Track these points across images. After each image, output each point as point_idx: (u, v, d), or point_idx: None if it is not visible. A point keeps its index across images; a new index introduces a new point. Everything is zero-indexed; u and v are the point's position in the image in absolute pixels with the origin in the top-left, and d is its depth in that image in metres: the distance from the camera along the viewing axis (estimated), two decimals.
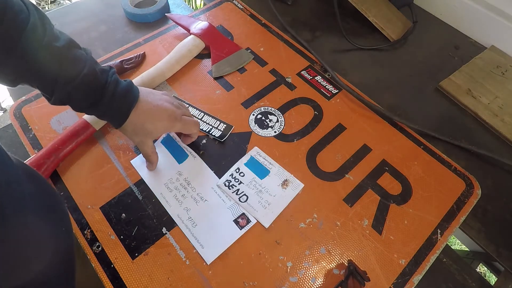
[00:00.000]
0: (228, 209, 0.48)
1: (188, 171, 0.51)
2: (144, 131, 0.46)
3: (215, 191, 0.49)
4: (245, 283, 0.43)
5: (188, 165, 0.52)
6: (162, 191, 0.49)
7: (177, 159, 0.52)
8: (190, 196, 0.49)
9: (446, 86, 0.66)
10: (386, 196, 0.51)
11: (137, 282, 0.42)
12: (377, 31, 0.75)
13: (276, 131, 0.57)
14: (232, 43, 0.68)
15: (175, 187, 0.49)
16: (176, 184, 0.50)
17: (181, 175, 0.51)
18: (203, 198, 0.49)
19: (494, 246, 0.50)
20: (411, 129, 0.59)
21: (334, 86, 0.64)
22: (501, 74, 0.70)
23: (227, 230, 0.46)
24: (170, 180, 0.50)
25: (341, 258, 0.46)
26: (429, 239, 0.48)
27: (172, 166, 0.52)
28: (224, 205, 0.48)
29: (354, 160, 0.55)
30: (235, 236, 0.46)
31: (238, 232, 0.46)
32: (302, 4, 0.82)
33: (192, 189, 0.49)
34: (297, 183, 0.51)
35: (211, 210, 0.48)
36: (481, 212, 0.53)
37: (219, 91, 0.61)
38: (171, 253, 0.44)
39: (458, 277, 0.51)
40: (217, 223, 0.46)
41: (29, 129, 0.54)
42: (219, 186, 0.50)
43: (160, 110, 0.46)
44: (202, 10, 0.76)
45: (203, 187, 0.50)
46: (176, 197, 0.48)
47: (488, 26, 0.74)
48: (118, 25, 0.74)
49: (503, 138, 0.61)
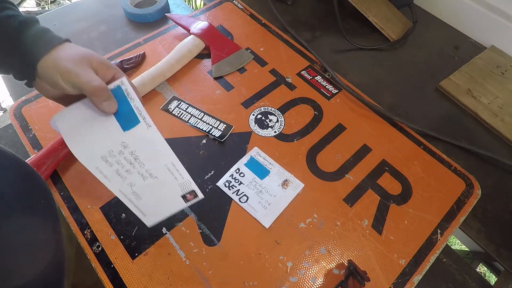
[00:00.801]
0: (179, 186, 0.40)
1: (136, 143, 0.39)
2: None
3: (169, 168, 0.40)
4: (245, 283, 0.43)
5: (137, 135, 0.39)
6: (98, 165, 0.38)
7: (122, 124, 0.38)
8: (137, 172, 0.39)
9: (446, 86, 0.66)
10: (386, 196, 0.51)
11: (137, 282, 0.42)
12: (377, 31, 0.75)
13: (276, 131, 0.57)
14: (232, 43, 0.68)
15: (117, 161, 0.38)
16: (118, 158, 0.38)
17: (126, 148, 0.38)
18: (152, 175, 0.39)
19: (494, 246, 0.50)
20: (411, 129, 0.59)
21: (334, 86, 0.64)
22: (501, 74, 0.70)
23: (172, 202, 0.41)
24: (110, 152, 0.38)
25: (341, 258, 0.46)
26: (429, 239, 0.48)
27: (114, 133, 0.38)
28: (175, 182, 0.40)
29: (354, 160, 0.55)
30: (178, 207, 0.41)
31: (183, 204, 0.41)
32: (302, 4, 0.82)
33: (140, 164, 0.39)
34: (297, 183, 0.51)
35: (160, 187, 0.40)
36: (481, 212, 0.53)
37: (219, 91, 0.61)
38: (171, 253, 0.44)
39: (458, 277, 0.51)
40: (164, 197, 0.41)
41: (29, 129, 0.54)
42: (219, 186, 0.50)
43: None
44: (202, 10, 0.76)
45: (154, 164, 0.39)
46: (118, 172, 0.38)
47: (488, 26, 0.74)
48: (118, 25, 0.74)
49: (503, 138, 0.61)
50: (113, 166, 0.38)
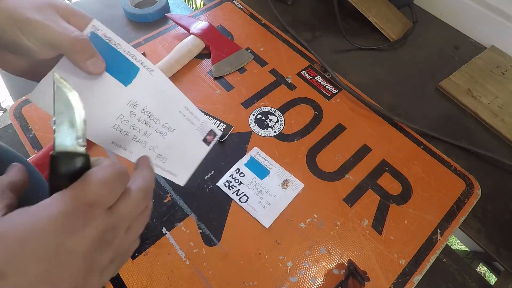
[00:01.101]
0: (198, 130, 0.38)
1: (144, 96, 0.33)
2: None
3: (184, 115, 0.36)
4: (245, 283, 0.43)
5: (142, 85, 0.32)
6: (114, 139, 0.32)
7: (120, 78, 0.31)
8: (155, 131, 0.34)
9: (446, 86, 0.66)
10: (386, 196, 0.51)
11: (137, 282, 0.42)
12: (377, 31, 0.75)
13: (276, 131, 0.57)
14: (232, 43, 0.68)
15: (131, 126, 0.32)
16: (132, 122, 0.32)
17: (136, 106, 0.32)
18: (170, 129, 0.35)
19: (494, 246, 0.50)
20: (411, 129, 0.59)
21: (334, 86, 0.64)
22: (501, 74, 0.70)
23: (196, 150, 0.38)
24: (121, 118, 0.32)
25: (341, 258, 0.46)
26: (429, 239, 0.48)
27: (116, 93, 0.31)
28: (194, 127, 0.37)
29: (354, 160, 0.55)
30: (204, 153, 0.39)
31: (206, 148, 0.39)
32: (302, 4, 0.82)
33: (156, 120, 0.34)
34: (297, 183, 0.51)
35: (181, 139, 0.36)
36: (481, 212, 0.53)
37: (219, 91, 0.61)
38: (171, 253, 0.44)
39: (458, 277, 0.51)
40: (187, 149, 0.37)
41: (29, 129, 0.54)
42: (219, 186, 0.50)
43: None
44: (202, 10, 0.76)
45: (169, 114, 0.35)
46: (137, 138, 0.33)
47: (488, 26, 0.74)
48: (118, 25, 0.74)
49: (503, 138, 0.61)
50: (130, 133, 0.32)
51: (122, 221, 0.24)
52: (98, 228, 0.22)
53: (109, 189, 0.23)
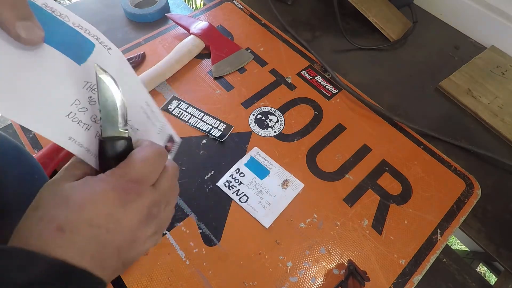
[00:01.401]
0: (158, 134, 0.31)
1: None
2: None
3: (145, 112, 0.30)
4: (245, 283, 0.43)
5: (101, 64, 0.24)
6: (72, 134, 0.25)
7: (72, 55, 0.25)
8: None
9: (446, 86, 0.66)
10: (386, 196, 0.51)
11: (137, 282, 0.42)
12: (377, 31, 0.75)
13: (276, 131, 0.57)
14: (232, 43, 0.68)
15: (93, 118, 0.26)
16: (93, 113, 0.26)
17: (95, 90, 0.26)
18: (133, 128, 0.29)
19: (494, 246, 0.50)
20: (411, 129, 0.59)
21: (334, 86, 0.64)
22: (501, 74, 0.70)
23: None
24: (77, 104, 0.25)
25: (341, 258, 0.46)
26: (429, 239, 0.48)
27: (70, 74, 0.25)
28: (154, 130, 0.31)
29: (354, 160, 0.55)
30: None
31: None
32: (302, 4, 0.82)
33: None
34: (297, 183, 0.51)
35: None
36: (481, 212, 0.53)
37: (219, 91, 0.61)
38: (171, 253, 0.44)
39: (458, 277, 0.51)
40: None
41: (29, 129, 0.54)
42: (219, 186, 0.50)
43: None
44: (202, 10, 0.76)
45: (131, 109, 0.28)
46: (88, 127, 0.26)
47: (488, 26, 0.74)
48: (118, 25, 0.74)
49: (503, 138, 0.61)
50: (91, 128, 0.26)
51: (164, 196, 0.27)
52: (145, 203, 0.25)
53: (151, 166, 0.25)
